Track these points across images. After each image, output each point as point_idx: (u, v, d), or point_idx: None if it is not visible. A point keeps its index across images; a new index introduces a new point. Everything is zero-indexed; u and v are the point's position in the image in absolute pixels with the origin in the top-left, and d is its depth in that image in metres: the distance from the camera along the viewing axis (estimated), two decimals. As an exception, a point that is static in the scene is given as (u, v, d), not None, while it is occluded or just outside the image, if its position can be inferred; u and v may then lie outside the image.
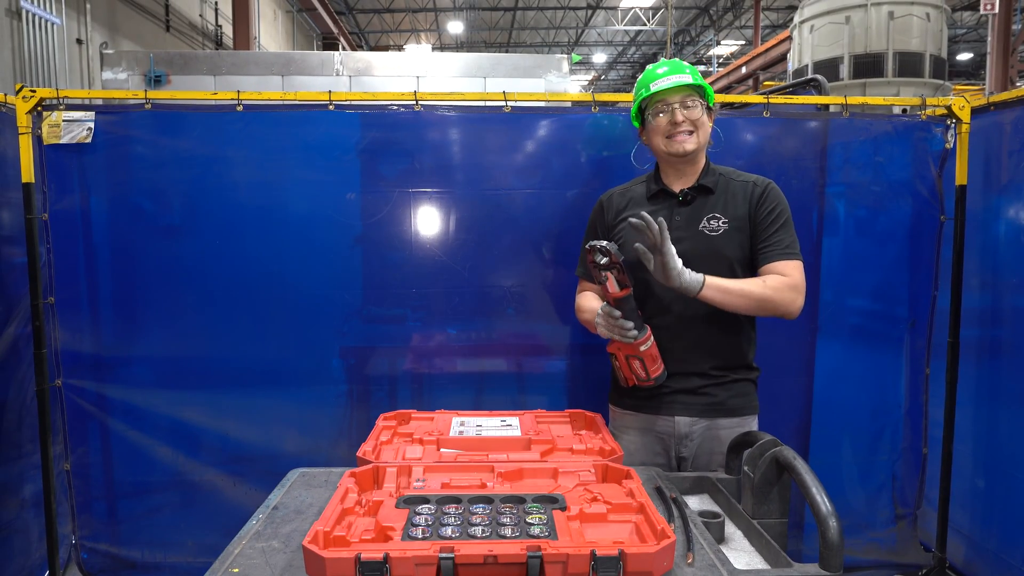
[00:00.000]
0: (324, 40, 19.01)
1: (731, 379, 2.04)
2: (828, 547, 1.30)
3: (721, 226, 2.00)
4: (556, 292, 2.63)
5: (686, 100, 1.98)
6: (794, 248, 1.99)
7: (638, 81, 2.08)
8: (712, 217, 2.01)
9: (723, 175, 2.07)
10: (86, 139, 2.45)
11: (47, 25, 7.89)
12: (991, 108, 2.59)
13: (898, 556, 2.82)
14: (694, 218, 2.02)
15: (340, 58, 5.59)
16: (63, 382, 2.54)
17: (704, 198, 2.04)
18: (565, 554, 1.20)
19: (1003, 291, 2.58)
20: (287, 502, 1.63)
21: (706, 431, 2.04)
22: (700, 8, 22.15)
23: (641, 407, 2.10)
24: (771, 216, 1.99)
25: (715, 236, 1.99)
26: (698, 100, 2.00)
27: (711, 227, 2.00)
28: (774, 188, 2.03)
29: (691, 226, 2.02)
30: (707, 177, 2.05)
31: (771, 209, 1.99)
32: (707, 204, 2.03)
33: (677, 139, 1.99)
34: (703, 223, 2.01)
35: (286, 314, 2.60)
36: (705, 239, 2.00)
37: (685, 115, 1.98)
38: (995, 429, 2.62)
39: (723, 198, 2.03)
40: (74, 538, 2.63)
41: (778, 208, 2.00)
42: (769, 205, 2.00)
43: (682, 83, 1.97)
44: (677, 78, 1.98)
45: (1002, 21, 11.36)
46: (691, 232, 2.01)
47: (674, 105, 1.99)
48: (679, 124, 1.98)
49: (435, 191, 2.61)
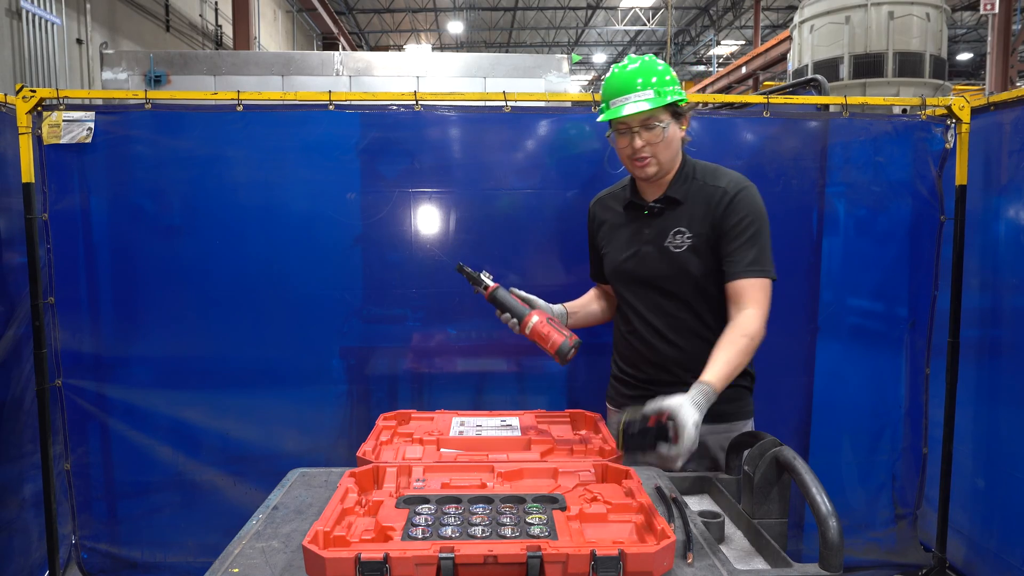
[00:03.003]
0: (324, 40, 19.01)
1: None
2: (828, 547, 1.30)
3: (685, 242, 1.92)
4: (556, 292, 2.63)
5: (647, 121, 1.85)
6: (759, 263, 1.86)
7: (604, 81, 1.94)
8: (678, 232, 1.93)
9: (696, 180, 1.95)
10: (86, 139, 2.45)
11: (47, 25, 7.89)
12: (991, 108, 2.59)
13: (898, 556, 2.82)
14: (661, 232, 1.96)
15: (340, 58, 5.59)
16: (63, 382, 2.54)
17: (672, 210, 1.95)
18: (565, 554, 1.20)
19: (1003, 291, 2.58)
20: (287, 502, 1.63)
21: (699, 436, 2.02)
22: (700, 8, 22.15)
23: (625, 405, 2.10)
24: (738, 228, 1.87)
25: (679, 253, 1.93)
26: (661, 118, 1.85)
27: (676, 243, 1.93)
28: (745, 195, 1.89)
29: (658, 241, 1.96)
30: (676, 187, 1.95)
31: (738, 220, 1.87)
32: (673, 217, 1.95)
33: (637, 165, 1.90)
34: (669, 238, 1.94)
35: (286, 314, 2.60)
36: (670, 257, 1.94)
37: (646, 138, 1.86)
38: (995, 429, 2.62)
39: (690, 209, 1.93)
40: (74, 538, 2.63)
41: (746, 218, 1.87)
42: (736, 216, 1.87)
43: (638, 112, 1.82)
44: (633, 106, 1.82)
45: (1002, 21, 11.37)
46: (657, 248, 1.96)
47: (634, 128, 1.86)
48: (639, 150, 1.87)
49: (435, 191, 2.61)
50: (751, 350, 1.82)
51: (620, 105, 1.85)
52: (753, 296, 1.84)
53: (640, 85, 1.83)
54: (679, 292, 1.96)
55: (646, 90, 1.83)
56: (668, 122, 1.87)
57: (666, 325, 1.99)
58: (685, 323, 1.98)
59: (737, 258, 1.86)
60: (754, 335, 1.81)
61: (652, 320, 2.02)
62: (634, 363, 2.10)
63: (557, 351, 1.89)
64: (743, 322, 1.82)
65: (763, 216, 1.90)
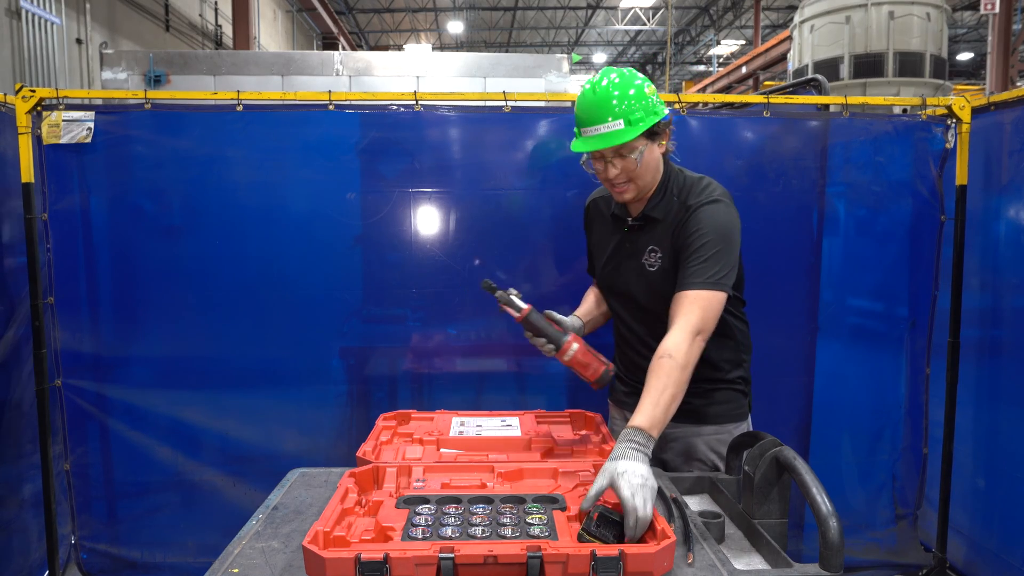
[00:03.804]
0: (324, 40, 19.01)
1: (706, 388, 1.98)
2: (828, 547, 1.30)
3: (657, 261, 1.89)
4: (556, 292, 2.63)
5: (620, 150, 1.78)
6: (701, 274, 1.74)
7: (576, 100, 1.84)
8: (652, 250, 1.90)
9: (674, 198, 1.88)
10: (86, 139, 2.45)
11: (47, 25, 7.89)
12: (991, 108, 2.59)
13: (898, 556, 2.82)
14: (639, 249, 1.93)
15: (340, 58, 5.60)
16: (63, 382, 2.54)
17: (651, 227, 1.91)
18: (565, 554, 1.20)
19: (1003, 291, 2.58)
20: (287, 502, 1.63)
21: (685, 437, 2.03)
22: (700, 8, 22.16)
23: (623, 404, 2.13)
24: (689, 241, 1.79)
25: (653, 272, 1.90)
26: (634, 145, 1.77)
27: (650, 262, 1.91)
28: (705, 211, 1.80)
29: (635, 257, 1.94)
30: (655, 204, 1.89)
31: (690, 234, 1.79)
32: (650, 235, 1.91)
33: (615, 191, 1.87)
34: (644, 255, 1.92)
35: (286, 314, 2.59)
36: (645, 275, 1.92)
37: (620, 166, 1.80)
38: (995, 429, 2.62)
39: (663, 228, 1.88)
40: (74, 538, 2.63)
41: (697, 232, 1.78)
42: (688, 230, 1.80)
43: (606, 146, 1.75)
44: (602, 140, 1.74)
45: (1002, 21, 11.37)
46: (635, 263, 1.94)
47: (608, 157, 1.80)
48: (613, 179, 1.82)
49: (435, 191, 2.61)
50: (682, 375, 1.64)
51: (590, 137, 1.78)
52: (683, 310, 1.72)
53: (613, 111, 1.74)
54: (655, 307, 1.91)
55: (616, 120, 1.74)
56: (643, 146, 1.79)
57: (649, 333, 1.96)
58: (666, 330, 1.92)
59: (683, 273, 1.78)
60: (681, 360, 1.65)
61: (636, 328, 2.02)
62: (626, 366, 2.11)
63: (597, 379, 1.84)
64: (669, 348, 1.67)
65: (721, 229, 1.79)
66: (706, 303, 1.72)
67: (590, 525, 1.33)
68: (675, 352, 1.65)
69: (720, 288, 1.74)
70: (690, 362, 1.67)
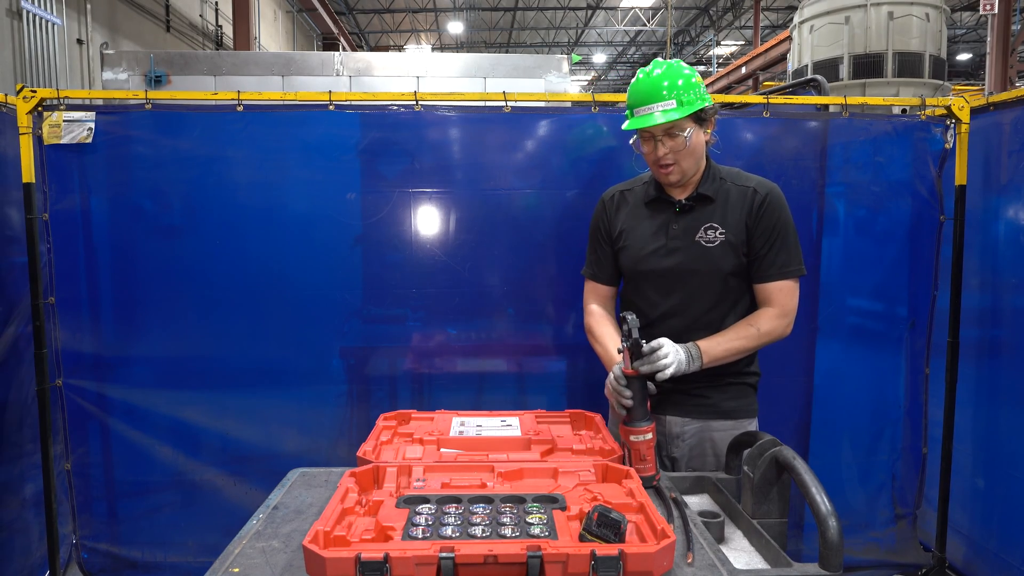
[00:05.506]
0: (324, 40, 19.02)
1: (726, 382, 2.02)
2: (828, 547, 1.31)
3: (718, 237, 1.95)
4: (556, 292, 2.64)
5: (670, 130, 1.88)
6: (791, 264, 1.95)
7: (629, 86, 1.97)
8: (710, 227, 1.96)
9: (724, 179, 2.00)
10: (86, 139, 2.45)
11: (47, 25, 7.90)
12: (990, 108, 2.59)
13: (898, 556, 2.82)
14: (691, 228, 1.98)
15: (340, 58, 5.60)
16: (63, 382, 2.54)
17: (703, 207, 1.98)
18: (565, 554, 1.20)
19: (1003, 291, 2.58)
20: (287, 502, 1.63)
21: (699, 432, 2.03)
22: (700, 8, 22.14)
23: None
24: (771, 230, 1.93)
25: (711, 247, 1.96)
26: (683, 127, 1.88)
27: (708, 238, 1.96)
28: (774, 197, 1.96)
29: (687, 236, 1.98)
30: (707, 185, 1.98)
31: (772, 223, 1.93)
32: (705, 213, 1.98)
33: (662, 172, 1.94)
34: (700, 233, 1.97)
35: (286, 314, 2.60)
36: (701, 250, 1.96)
37: (669, 146, 1.89)
38: (995, 429, 2.62)
39: (722, 207, 1.97)
40: (74, 538, 2.63)
41: (779, 222, 1.94)
42: (770, 218, 1.93)
43: (659, 123, 1.86)
44: (655, 117, 1.85)
45: (1002, 21, 11.36)
46: (687, 242, 1.98)
47: (657, 136, 1.90)
48: (662, 158, 1.91)
49: (435, 191, 2.61)
50: (755, 340, 1.93)
51: (642, 115, 1.89)
52: (777, 298, 1.95)
53: (664, 94, 1.86)
54: (705, 286, 1.97)
55: (669, 100, 1.86)
56: (691, 130, 1.89)
57: (683, 324, 1.98)
58: (703, 320, 1.98)
59: (768, 261, 1.95)
60: (765, 329, 1.92)
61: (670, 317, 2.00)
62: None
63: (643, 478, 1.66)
64: (758, 316, 1.95)
65: (789, 216, 1.98)
66: (796, 289, 1.98)
67: (590, 525, 1.33)
68: (762, 322, 1.93)
69: (802, 271, 1.98)
70: (768, 338, 1.94)
